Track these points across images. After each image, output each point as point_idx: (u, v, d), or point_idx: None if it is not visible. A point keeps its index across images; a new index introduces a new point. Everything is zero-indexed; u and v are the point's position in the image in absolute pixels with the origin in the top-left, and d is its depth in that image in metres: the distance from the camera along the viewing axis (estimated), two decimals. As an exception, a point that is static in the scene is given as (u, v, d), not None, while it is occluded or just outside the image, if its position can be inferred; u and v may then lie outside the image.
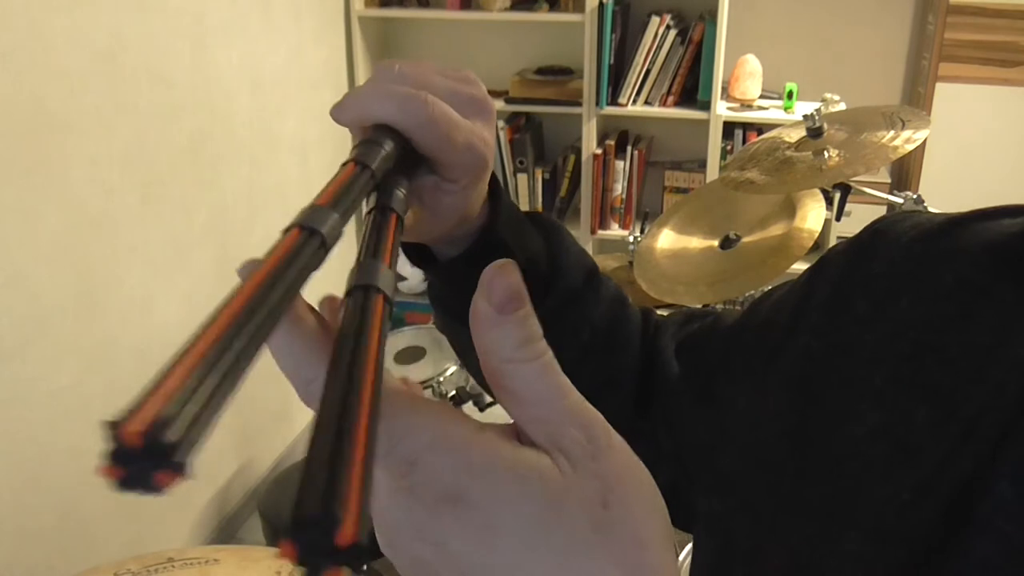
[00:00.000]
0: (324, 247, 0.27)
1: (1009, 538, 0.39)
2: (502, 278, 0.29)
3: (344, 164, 0.35)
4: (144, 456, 0.19)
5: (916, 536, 0.43)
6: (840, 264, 0.52)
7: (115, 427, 0.19)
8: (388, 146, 0.39)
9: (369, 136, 0.40)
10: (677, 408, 0.61)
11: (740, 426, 0.55)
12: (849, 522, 0.45)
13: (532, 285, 0.57)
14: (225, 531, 2.49)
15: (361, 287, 0.26)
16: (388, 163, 0.38)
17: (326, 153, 2.94)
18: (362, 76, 3.06)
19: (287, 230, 0.27)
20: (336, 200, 0.30)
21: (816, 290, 0.53)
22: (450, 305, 0.58)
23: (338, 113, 0.43)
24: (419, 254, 0.55)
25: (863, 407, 0.46)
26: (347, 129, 0.44)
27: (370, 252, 0.29)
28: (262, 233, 2.57)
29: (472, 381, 2.30)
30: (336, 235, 0.28)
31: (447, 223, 0.49)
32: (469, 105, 0.46)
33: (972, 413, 0.42)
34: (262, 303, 0.22)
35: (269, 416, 2.69)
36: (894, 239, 0.50)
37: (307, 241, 0.26)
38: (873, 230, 0.52)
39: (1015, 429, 0.41)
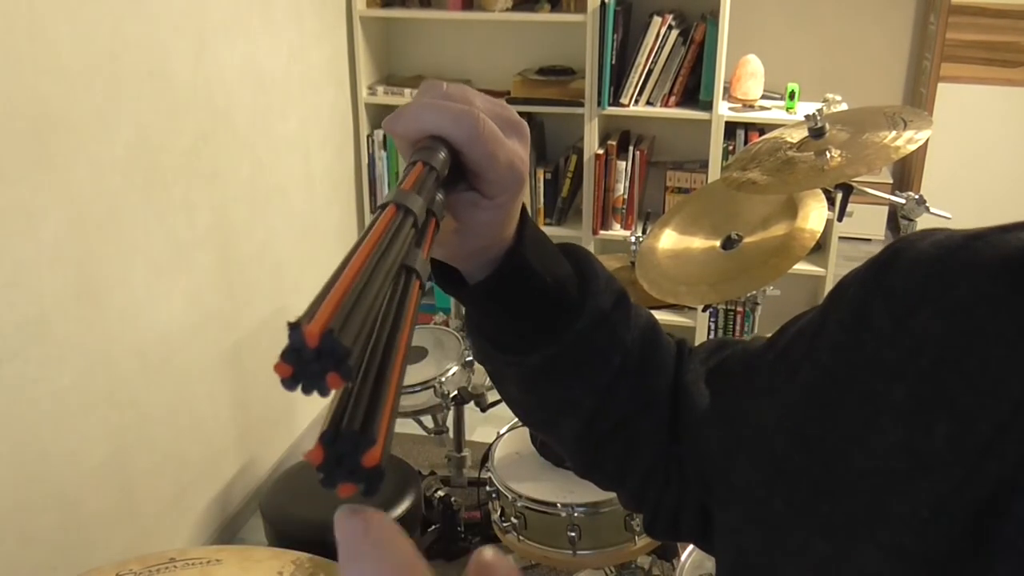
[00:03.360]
0: (416, 225, 0.33)
1: None
2: (498, 560, 0.24)
3: (411, 164, 0.40)
4: (319, 357, 0.21)
5: (936, 554, 0.42)
6: (860, 283, 0.52)
7: (297, 327, 0.21)
8: (443, 153, 0.43)
9: (424, 145, 0.44)
10: (704, 432, 0.61)
11: (756, 439, 0.55)
12: (867, 539, 0.45)
13: (563, 309, 0.57)
14: (227, 531, 2.49)
15: (406, 267, 0.30)
16: (445, 168, 0.42)
17: (327, 153, 2.94)
18: (364, 76, 3.06)
19: (382, 206, 0.32)
20: (418, 188, 0.36)
21: (836, 309, 0.53)
22: (485, 332, 0.60)
23: (393, 124, 0.46)
24: (450, 280, 0.57)
25: (883, 422, 0.46)
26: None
27: (414, 242, 0.34)
28: (264, 233, 2.57)
29: (474, 381, 2.30)
30: (423, 216, 0.34)
31: (479, 240, 0.52)
32: (508, 125, 0.49)
33: (991, 430, 0.42)
34: (382, 257, 0.27)
35: (271, 417, 2.70)
36: (914, 257, 0.49)
37: (404, 219, 0.32)
38: (894, 249, 0.52)
39: None
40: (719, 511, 0.58)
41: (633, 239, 2.18)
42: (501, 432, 2.05)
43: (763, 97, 2.96)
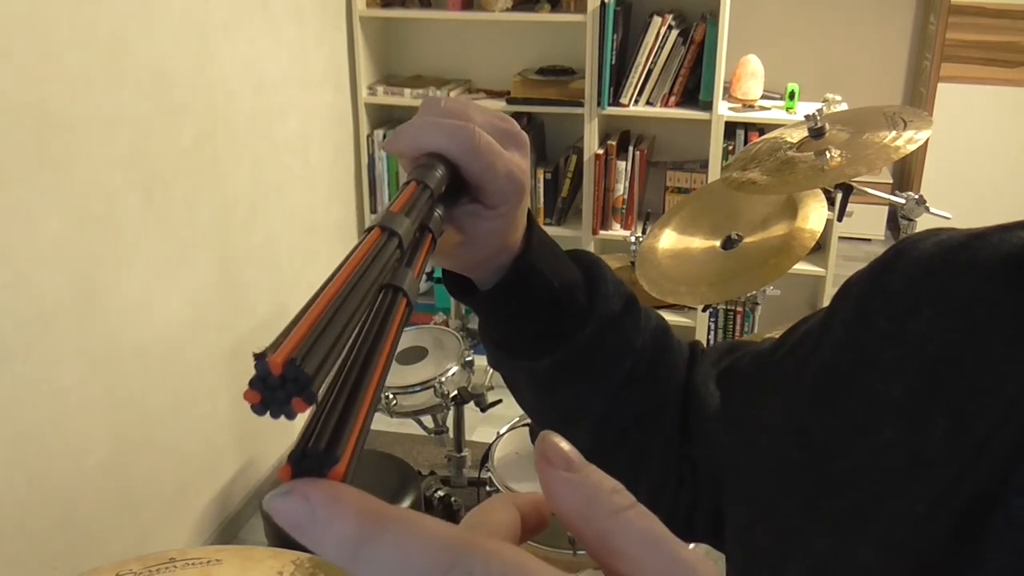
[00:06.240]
0: (401, 247, 0.33)
1: (1023, 553, 0.39)
2: (552, 441, 0.25)
3: (406, 183, 0.40)
4: (283, 384, 0.22)
5: (930, 549, 0.42)
6: (863, 284, 0.53)
7: (262, 357, 0.22)
8: (441, 170, 0.43)
9: (422, 162, 0.45)
10: (715, 432, 0.61)
11: (764, 438, 0.56)
12: (864, 534, 0.45)
13: (571, 313, 0.58)
14: (227, 531, 2.49)
15: (391, 287, 0.31)
16: (442, 185, 0.43)
17: (327, 153, 2.94)
18: (363, 76, 3.06)
19: (368, 230, 0.32)
20: (408, 209, 0.37)
21: (840, 309, 0.54)
22: (496, 338, 0.61)
23: (392, 144, 0.47)
24: (461, 288, 0.57)
25: (883, 420, 0.47)
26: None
27: (404, 261, 0.34)
28: (263, 233, 2.57)
29: (474, 381, 2.30)
30: (409, 237, 0.34)
31: (486, 249, 0.52)
32: (507, 137, 0.49)
33: (987, 427, 0.42)
34: (359, 281, 0.28)
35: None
36: (916, 257, 0.50)
37: (388, 240, 0.32)
38: (897, 249, 0.52)
39: None
40: (730, 510, 0.59)
41: (633, 239, 2.18)
42: (501, 432, 2.05)
43: (763, 97, 2.96)
